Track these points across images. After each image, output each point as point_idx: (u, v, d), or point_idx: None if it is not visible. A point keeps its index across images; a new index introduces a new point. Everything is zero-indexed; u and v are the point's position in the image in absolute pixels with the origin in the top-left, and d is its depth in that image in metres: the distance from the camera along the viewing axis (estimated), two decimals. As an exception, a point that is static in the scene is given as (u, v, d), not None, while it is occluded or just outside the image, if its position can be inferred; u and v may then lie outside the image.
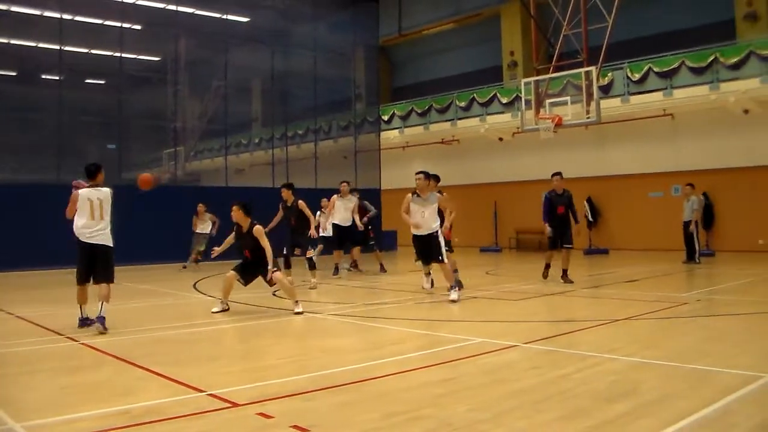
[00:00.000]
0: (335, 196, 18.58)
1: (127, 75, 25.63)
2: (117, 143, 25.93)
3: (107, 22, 25.34)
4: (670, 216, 25.25)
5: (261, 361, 7.60)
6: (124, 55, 25.13)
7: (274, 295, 13.77)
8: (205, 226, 21.30)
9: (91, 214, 9.95)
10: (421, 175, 12.90)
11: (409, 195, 12.95)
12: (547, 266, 15.90)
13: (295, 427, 5.05)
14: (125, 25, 25.19)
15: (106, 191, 10.23)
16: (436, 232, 12.76)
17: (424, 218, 12.73)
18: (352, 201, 18.66)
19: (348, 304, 12.59)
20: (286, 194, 15.28)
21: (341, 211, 18.46)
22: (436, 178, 13.61)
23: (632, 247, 26.85)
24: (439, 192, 13.35)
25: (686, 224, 20.42)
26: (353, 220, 18.42)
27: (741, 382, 6.09)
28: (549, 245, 15.88)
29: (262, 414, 5.39)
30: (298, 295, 11.42)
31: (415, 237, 13.02)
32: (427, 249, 12.88)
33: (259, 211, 19.24)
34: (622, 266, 20.28)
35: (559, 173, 15.54)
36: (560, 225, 15.38)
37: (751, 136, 24.27)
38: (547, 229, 15.52)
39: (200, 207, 21.48)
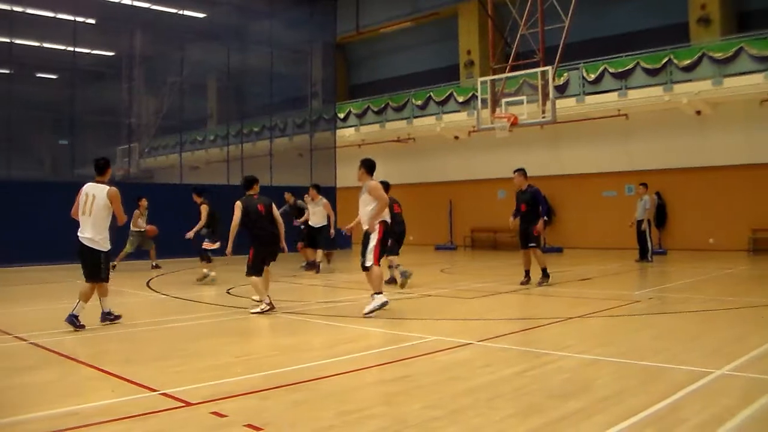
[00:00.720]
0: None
1: (80, 70, 25.26)
2: (69, 139, 25.55)
3: (60, 16, 24.93)
4: (624, 215, 25.54)
5: (214, 360, 7.52)
6: (77, 49, 24.76)
7: (227, 293, 13.67)
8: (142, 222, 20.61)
9: (83, 209, 9.81)
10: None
11: None
12: (526, 273, 14.95)
13: (249, 425, 5.01)
14: (79, 19, 24.80)
15: (101, 188, 9.94)
16: (368, 230, 11.25)
17: (363, 211, 11.39)
18: (320, 204, 18.94)
19: (303, 302, 12.54)
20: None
21: (313, 215, 19.01)
22: (368, 166, 11.59)
23: (586, 246, 27.10)
24: (383, 182, 12.03)
25: (639, 223, 20.64)
26: (328, 221, 18.76)
27: (691, 378, 6.18)
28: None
29: (215, 413, 5.35)
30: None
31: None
32: (363, 248, 11.31)
33: (214, 209, 19.21)
34: (576, 265, 20.47)
35: (519, 169, 15.10)
36: (523, 223, 14.83)
37: (703, 137, 24.63)
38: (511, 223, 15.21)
39: (143, 202, 20.82)
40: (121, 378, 6.57)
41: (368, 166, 11.52)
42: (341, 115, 34.10)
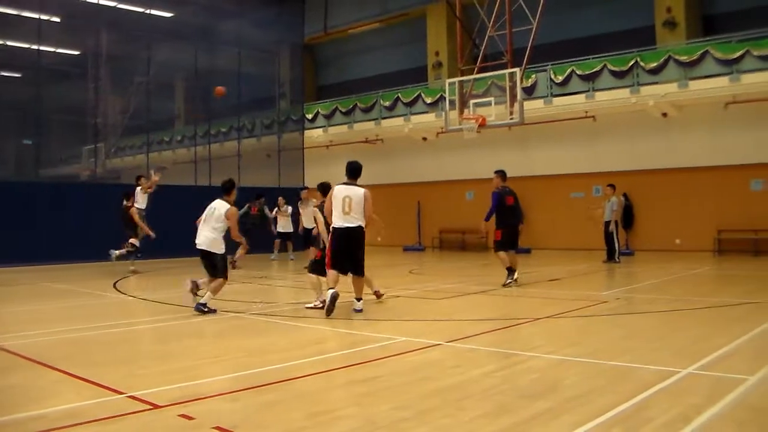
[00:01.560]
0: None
1: (45, 68, 24.95)
2: (33, 139, 25.26)
3: (24, 13, 24.62)
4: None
5: (183, 362, 7.47)
6: (42, 47, 24.47)
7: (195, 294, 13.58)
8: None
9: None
10: None
11: None
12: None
13: (217, 428, 4.98)
14: (43, 17, 24.51)
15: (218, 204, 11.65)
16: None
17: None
18: (309, 205, 19.20)
19: (272, 303, 12.49)
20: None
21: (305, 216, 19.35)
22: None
23: (554, 247, 27.24)
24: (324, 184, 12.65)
25: (606, 224, 20.78)
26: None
27: (658, 377, 6.23)
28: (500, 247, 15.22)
29: (183, 415, 5.31)
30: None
31: None
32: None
33: (182, 209, 19.09)
34: (544, 265, 20.56)
35: (497, 171, 15.68)
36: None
37: (669, 139, 24.86)
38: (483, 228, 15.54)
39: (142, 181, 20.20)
40: (88, 381, 6.50)
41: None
42: (309, 116, 34.00)
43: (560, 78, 25.87)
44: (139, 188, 19.56)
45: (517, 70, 19.89)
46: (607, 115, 25.58)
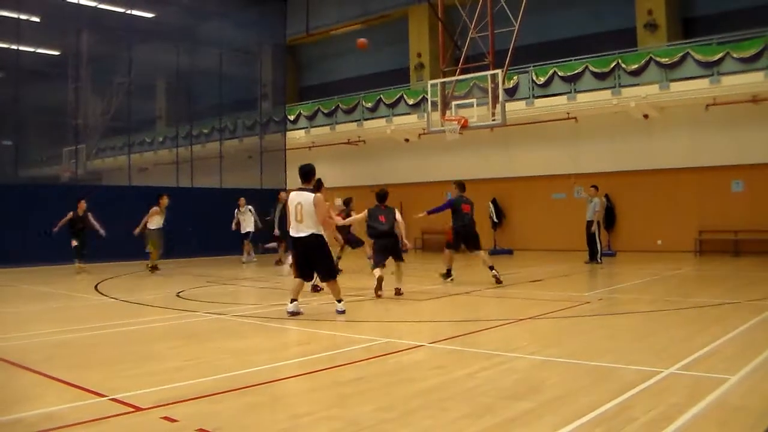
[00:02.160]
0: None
1: (24, 69, 24.76)
2: (13, 139, 25.08)
3: (3, 13, 24.42)
4: (573, 217, 25.83)
5: (165, 364, 7.44)
6: (21, 48, 24.30)
7: (177, 296, 13.54)
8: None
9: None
10: None
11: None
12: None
13: (200, 430, 4.96)
14: (23, 17, 24.33)
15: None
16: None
17: None
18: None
19: (253, 305, 12.46)
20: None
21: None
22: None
23: (536, 248, 27.33)
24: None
25: (588, 224, 20.85)
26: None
27: (640, 377, 6.25)
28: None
29: (166, 418, 5.28)
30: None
31: None
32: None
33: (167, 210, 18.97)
34: (526, 266, 20.62)
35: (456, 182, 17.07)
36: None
37: (650, 140, 25.01)
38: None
39: (163, 200, 20.31)
40: (69, 384, 6.45)
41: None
42: (291, 117, 33.97)
43: (542, 79, 25.97)
44: (157, 208, 19.89)
45: (499, 71, 19.92)
46: (588, 117, 25.70)
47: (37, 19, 25.59)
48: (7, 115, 24.70)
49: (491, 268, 15.35)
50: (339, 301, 10.96)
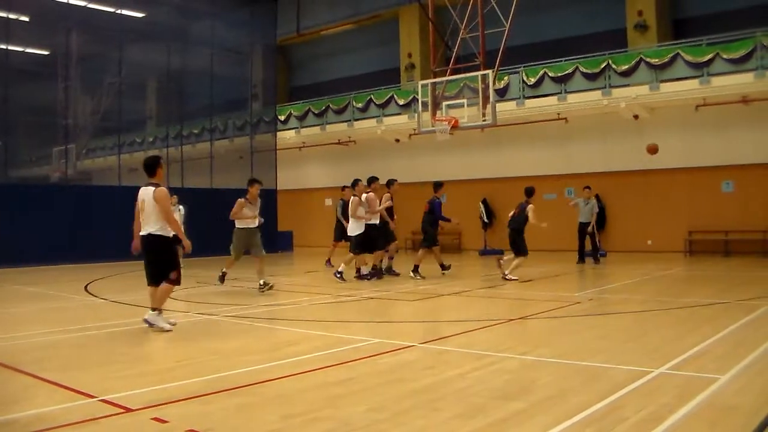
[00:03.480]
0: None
1: (13, 68, 24.64)
2: (2, 139, 24.98)
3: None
4: (564, 218, 25.83)
5: (155, 365, 7.43)
6: (10, 47, 24.19)
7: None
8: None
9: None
10: None
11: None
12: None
13: (191, 431, 4.95)
14: (11, 16, 24.22)
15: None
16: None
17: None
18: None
19: (244, 305, 12.44)
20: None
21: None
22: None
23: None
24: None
25: (584, 225, 20.86)
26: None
27: (631, 377, 6.28)
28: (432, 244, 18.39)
29: (157, 419, 5.27)
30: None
31: None
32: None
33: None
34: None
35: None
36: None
37: (641, 141, 24.94)
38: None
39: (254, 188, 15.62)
40: (60, 385, 6.43)
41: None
42: (282, 118, 33.94)
43: (532, 80, 26.01)
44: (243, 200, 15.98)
45: (489, 72, 19.94)
46: (579, 117, 25.76)
47: (26, 19, 25.48)
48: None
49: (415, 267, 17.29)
50: (154, 310, 9.73)
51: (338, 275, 16.25)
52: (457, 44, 21.52)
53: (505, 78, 26.30)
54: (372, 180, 17.21)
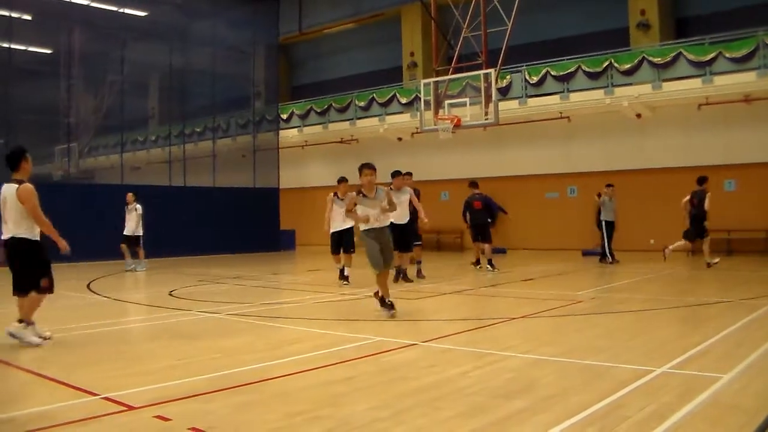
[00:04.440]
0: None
1: (15, 67, 24.65)
2: (4, 138, 24.99)
3: (-6, 11, 24.37)
4: (566, 216, 25.90)
5: (157, 363, 7.42)
6: (12, 46, 24.21)
7: (169, 294, 13.52)
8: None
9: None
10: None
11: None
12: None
13: (193, 429, 4.95)
14: (14, 15, 24.25)
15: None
16: None
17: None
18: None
19: (246, 303, 12.44)
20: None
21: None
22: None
23: (529, 247, 27.34)
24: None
25: (611, 224, 20.60)
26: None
27: (633, 376, 6.26)
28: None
29: (159, 417, 5.27)
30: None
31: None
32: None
33: (155, 210, 18.92)
34: (519, 265, 20.63)
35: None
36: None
37: (643, 140, 25.06)
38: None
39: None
40: (61, 382, 6.43)
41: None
42: (284, 116, 33.96)
43: (535, 79, 26.00)
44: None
45: (492, 70, 19.94)
46: (581, 116, 25.75)
47: (28, 17, 25.50)
48: (-1, 114, 24.63)
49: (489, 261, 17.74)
50: (21, 321, 8.66)
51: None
52: (459, 43, 21.51)
53: (508, 77, 26.29)
54: (396, 174, 15.66)
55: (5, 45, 23.98)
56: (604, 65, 24.45)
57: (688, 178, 23.90)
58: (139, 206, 20.19)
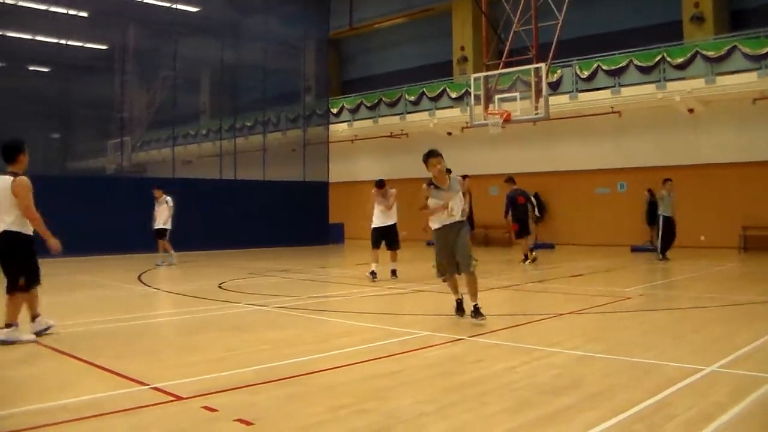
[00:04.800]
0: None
1: (72, 63, 25.11)
2: (61, 132, 25.49)
3: (53, 8, 24.81)
4: (616, 212, 25.63)
5: (205, 354, 7.52)
6: (69, 42, 24.65)
7: (219, 287, 13.66)
8: None
9: None
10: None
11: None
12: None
13: (239, 420, 5.01)
14: (71, 12, 24.69)
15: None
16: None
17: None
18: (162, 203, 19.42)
19: (293, 296, 12.53)
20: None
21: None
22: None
23: (578, 243, 27.13)
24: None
25: (670, 219, 20.07)
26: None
27: (681, 374, 6.20)
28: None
29: (206, 407, 5.35)
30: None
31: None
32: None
33: (207, 203, 19.12)
34: (568, 261, 20.50)
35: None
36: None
37: (696, 135, 24.70)
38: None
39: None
40: (112, 372, 6.56)
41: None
42: (334, 111, 34.08)
43: (586, 73, 25.78)
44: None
45: (542, 65, 19.85)
46: (632, 111, 25.47)
47: (85, 15, 25.94)
48: (55, 109, 25.09)
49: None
50: (8, 326, 8.24)
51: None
52: (509, 37, 21.44)
53: (558, 71, 26.08)
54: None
55: (63, 41, 24.42)
56: (657, 59, 24.13)
57: (742, 174, 23.63)
58: (169, 198, 19.75)
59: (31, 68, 26.77)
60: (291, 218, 28.35)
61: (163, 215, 19.57)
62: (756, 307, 10.77)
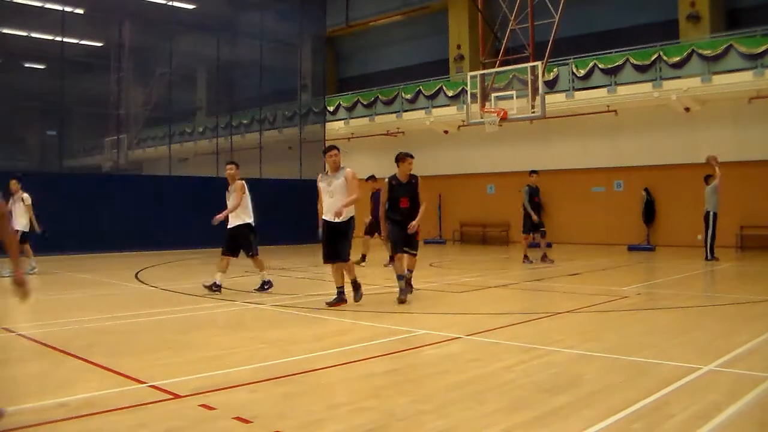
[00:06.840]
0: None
1: (68, 60, 25.06)
2: (57, 130, 25.44)
3: (48, 5, 24.77)
4: (612, 211, 25.66)
5: (203, 353, 7.51)
6: (65, 39, 24.61)
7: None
8: None
9: None
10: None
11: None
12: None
13: (237, 418, 5.01)
14: (67, 9, 24.64)
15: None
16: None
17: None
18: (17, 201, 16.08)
19: (291, 295, 12.53)
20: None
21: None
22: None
23: (575, 241, 27.15)
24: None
25: (713, 215, 19.72)
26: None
27: (679, 373, 6.20)
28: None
29: (204, 405, 5.35)
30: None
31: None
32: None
33: (203, 200, 19.07)
34: (564, 260, 20.48)
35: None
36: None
37: (692, 134, 24.71)
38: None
39: None
40: (110, 370, 6.55)
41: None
42: (331, 108, 34.06)
43: (582, 72, 25.79)
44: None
45: (538, 63, 19.84)
46: (629, 110, 25.49)
47: (81, 11, 25.89)
48: (52, 106, 25.04)
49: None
50: None
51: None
52: (506, 35, 21.43)
53: (555, 70, 26.10)
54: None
55: (58, 38, 24.37)
56: (653, 58, 24.16)
57: (738, 173, 23.62)
58: (26, 195, 16.37)
59: (27, 65, 26.75)
60: (288, 216, 28.29)
61: (22, 216, 16.08)
62: (753, 306, 10.78)
